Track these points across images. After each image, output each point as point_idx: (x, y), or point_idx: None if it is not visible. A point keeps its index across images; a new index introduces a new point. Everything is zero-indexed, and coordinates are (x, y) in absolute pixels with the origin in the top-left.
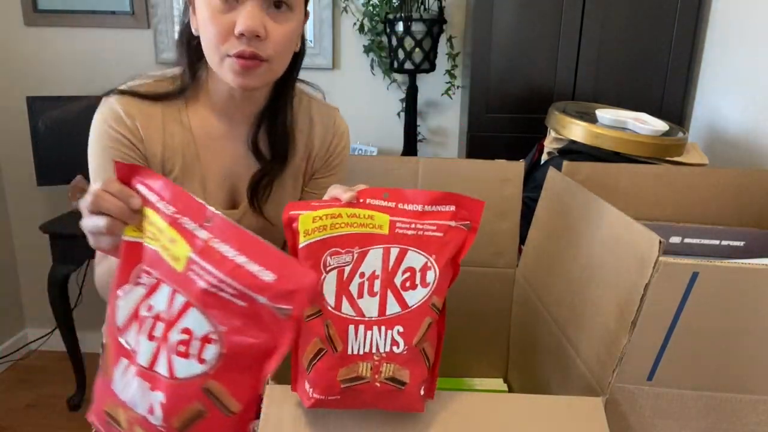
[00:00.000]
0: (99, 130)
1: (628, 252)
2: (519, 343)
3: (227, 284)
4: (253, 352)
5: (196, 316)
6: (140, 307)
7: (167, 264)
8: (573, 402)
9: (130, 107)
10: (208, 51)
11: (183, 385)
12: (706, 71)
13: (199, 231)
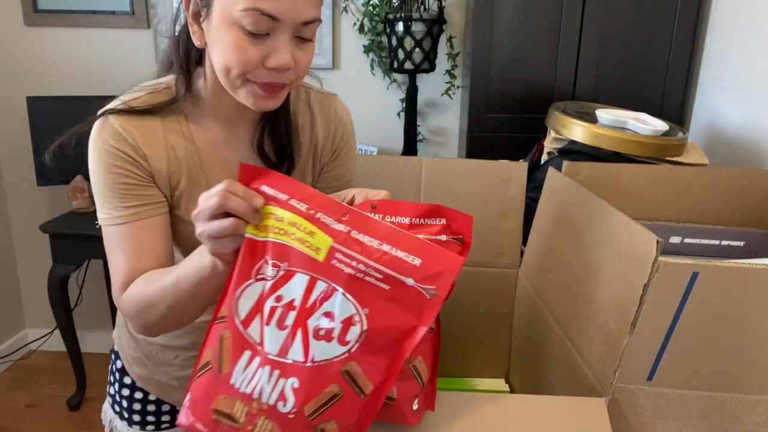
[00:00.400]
0: (100, 151)
1: (627, 252)
2: (521, 343)
3: (374, 269)
4: (393, 332)
5: (340, 300)
6: (266, 300)
7: (305, 255)
8: (576, 402)
9: (128, 124)
10: (225, 75)
11: (321, 368)
12: (706, 71)
13: (337, 225)
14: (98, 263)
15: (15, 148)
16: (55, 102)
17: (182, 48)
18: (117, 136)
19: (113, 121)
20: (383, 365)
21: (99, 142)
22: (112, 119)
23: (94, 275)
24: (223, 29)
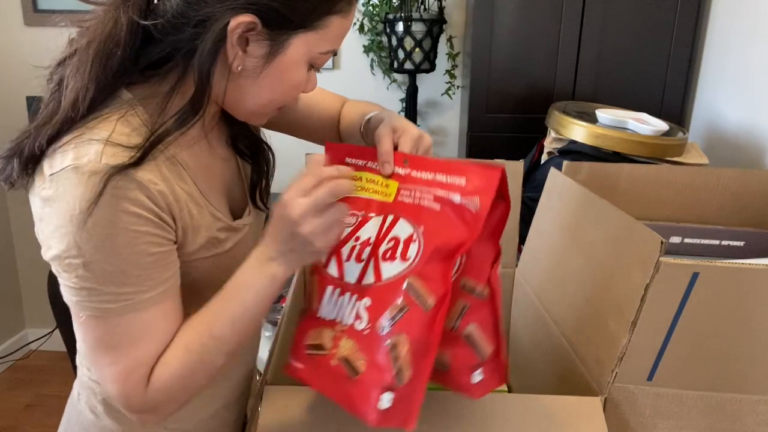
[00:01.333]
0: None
1: (628, 252)
2: (518, 343)
3: (429, 194)
4: (446, 245)
5: (402, 224)
6: (347, 242)
7: (379, 201)
8: (572, 402)
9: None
10: (267, 104)
11: (389, 285)
12: (706, 71)
13: (400, 169)
14: None
15: None
16: None
17: (206, 65)
18: (141, 195)
19: (132, 176)
20: (440, 277)
21: (116, 210)
22: (128, 174)
23: None
24: (293, 67)
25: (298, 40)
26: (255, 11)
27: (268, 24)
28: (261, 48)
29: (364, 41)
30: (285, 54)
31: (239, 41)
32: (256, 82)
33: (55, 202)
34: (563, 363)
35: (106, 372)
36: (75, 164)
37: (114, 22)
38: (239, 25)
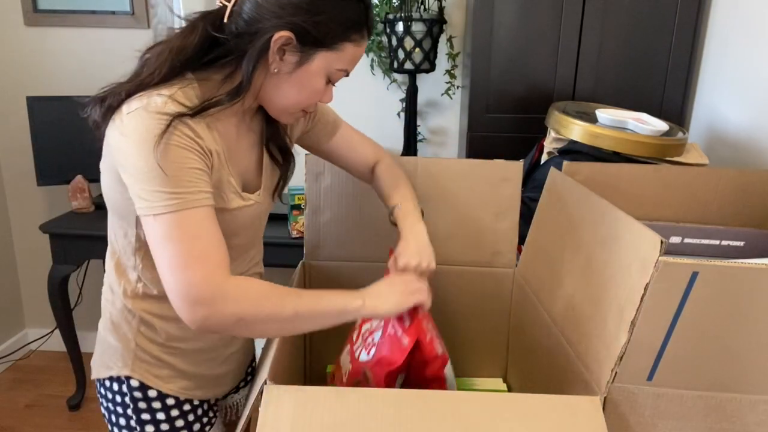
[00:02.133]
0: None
1: (628, 252)
2: (518, 342)
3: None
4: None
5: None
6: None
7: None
8: (571, 401)
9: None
10: (292, 106)
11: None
12: (706, 71)
13: None
14: (98, 263)
15: (15, 148)
16: (55, 102)
17: (251, 63)
18: (189, 131)
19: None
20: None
21: (160, 129)
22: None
23: (94, 275)
24: (315, 76)
25: (320, 56)
26: (292, 30)
27: (300, 41)
28: (293, 57)
29: None
30: (310, 65)
31: (278, 50)
32: (286, 82)
33: (131, 132)
34: (563, 363)
35: (175, 266)
36: (145, 107)
37: (192, 28)
38: (280, 39)
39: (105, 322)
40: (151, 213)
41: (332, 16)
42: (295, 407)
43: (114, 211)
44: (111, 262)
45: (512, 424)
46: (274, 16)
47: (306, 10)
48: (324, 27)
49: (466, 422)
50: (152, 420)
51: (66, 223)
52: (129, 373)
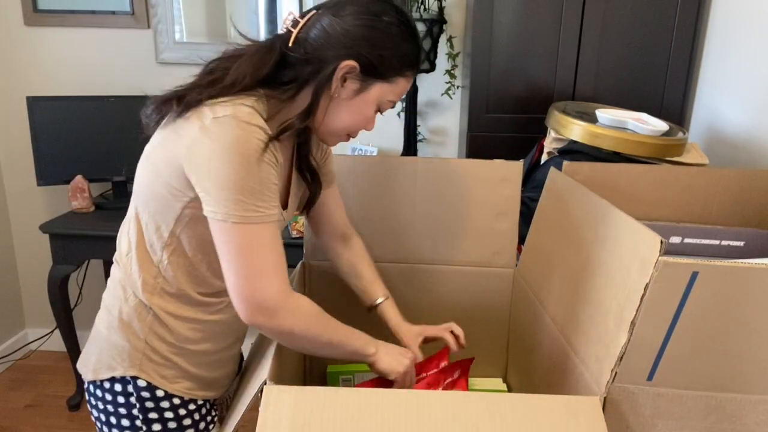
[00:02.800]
0: (256, 150)
1: (628, 252)
2: (518, 342)
3: None
4: None
5: None
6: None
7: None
8: (571, 401)
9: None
10: (343, 130)
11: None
12: (706, 71)
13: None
14: (98, 263)
15: (15, 148)
16: (55, 102)
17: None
18: (273, 147)
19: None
20: None
21: (255, 141)
22: (258, 126)
23: (94, 275)
24: (370, 104)
25: (377, 86)
26: (357, 60)
27: (363, 71)
28: (354, 85)
29: None
30: (368, 93)
31: (341, 77)
32: (343, 107)
33: (220, 137)
34: (563, 362)
35: (242, 273)
36: (234, 115)
37: (270, 48)
38: (345, 67)
39: (111, 320)
40: (230, 220)
41: (393, 52)
42: (295, 407)
43: (150, 205)
44: (130, 256)
45: (512, 424)
46: (343, 46)
47: (372, 44)
48: (385, 61)
49: (466, 422)
50: (160, 419)
51: (66, 223)
52: (136, 373)
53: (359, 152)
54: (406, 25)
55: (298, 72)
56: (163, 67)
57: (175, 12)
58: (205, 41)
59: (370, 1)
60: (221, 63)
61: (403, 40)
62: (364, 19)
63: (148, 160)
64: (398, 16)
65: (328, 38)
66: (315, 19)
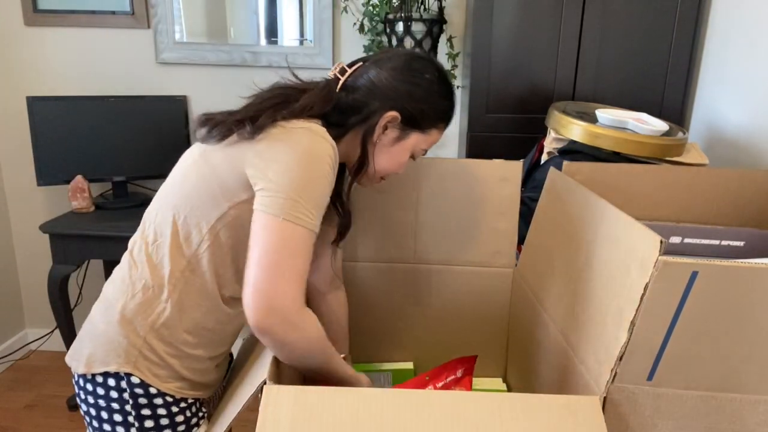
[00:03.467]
0: (327, 163)
1: (628, 252)
2: (517, 342)
3: None
4: None
5: None
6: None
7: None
8: (570, 401)
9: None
10: (379, 172)
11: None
12: (706, 71)
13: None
14: (98, 263)
15: (15, 148)
16: (55, 102)
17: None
18: (335, 159)
19: (333, 147)
20: None
21: (325, 155)
22: (330, 144)
23: (94, 275)
24: (406, 151)
25: (414, 136)
26: (400, 111)
27: (403, 121)
28: (393, 133)
29: (364, 41)
30: (405, 142)
31: (384, 126)
32: (382, 153)
33: (296, 144)
34: (562, 362)
35: (269, 268)
36: (309, 128)
37: (329, 88)
38: (388, 117)
39: (111, 314)
40: (282, 216)
41: (433, 107)
42: (295, 407)
43: (194, 199)
44: (158, 245)
45: (512, 424)
46: (388, 98)
47: (414, 99)
48: (424, 114)
49: (465, 422)
50: (153, 415)
51: (66, 223)
52: (130, 370)
53: None
54: (445, 83)
55: (346, 116)
56: (163, 67)
57: (175, 12)
58: (205, 41)
59: (413, 58)
60: (287, 90)
61: (442, 97)
62: (408, 75)
63: (203, 157)
64: (438, 74)
65: (375, 89)
66: (362, 70)
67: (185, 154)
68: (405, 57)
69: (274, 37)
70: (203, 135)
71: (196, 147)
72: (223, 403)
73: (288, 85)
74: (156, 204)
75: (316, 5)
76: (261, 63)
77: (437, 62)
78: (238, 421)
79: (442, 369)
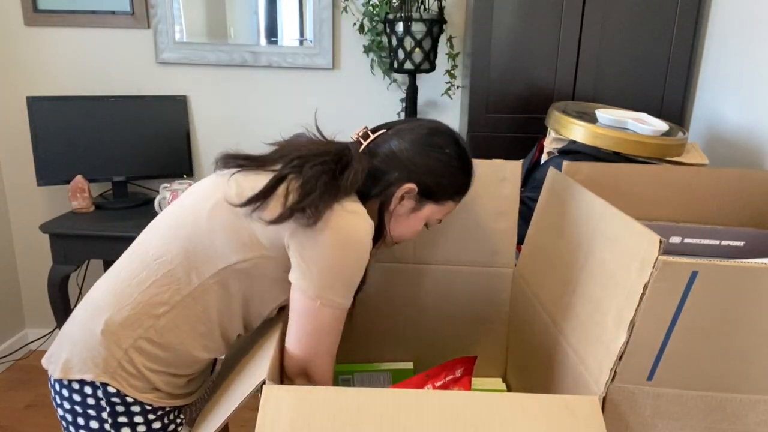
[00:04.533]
0: (365, 248)
1: (628, 252)
2: (517, 342)
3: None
4: None
5: None
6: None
7: None
8: (570, 400)
9: None
10: (393, 238)
11: None
12: (706, 71)
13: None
14: (98, 263)
15: (15, 148)
16: (55, 102)
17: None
18: (371, 238)
19: (371, 227)
20: None
21: (365, 240)
22: (370, 225)
23: (94, 275)
24: (420, 221)
25: (429, 207)
26: (417, 184)
27: (420, 193)
28: (409, 204)
29: (364, 41)
30: (420, 212)
31: (400, 196)
32: (397, 222)
33: (337, 231)
34: (562, 363)
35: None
36: (355, 212)
37: (362, 161)
38: (405, 188)
39: (96, 323)
40: (320, 301)
41: (450, 181)
42: (295, 407)
43: (218, 237)
44: (162, 263)
45: (512, 424)
46: (407, 170)
47: (433, 173)
48: (441, 188)
49: (465, 422)
50: (130, 423)
51: (66, 223)
52: (107, 380)
53: None
54: (464, 159)
55: (366, 185)
56: (163, 67)
57: (175, 12)
58: (205, 41)
59: (434, 132)
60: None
61: (460, 172)
62: (428, 149)
63: (242, 192)
64: (458, 150)
65: (395, 160)
66: (385, 137)
67: (209, 191)
68: (426, 130)
69: (274, 37)
70: (250, 212)
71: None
72: (213, 403)
73: (321, 150)
74: (167, 222)
75: (316, 5)
76: (261, 63)
77: (458, 136)
78: (238, 421)
79: (441, 368)
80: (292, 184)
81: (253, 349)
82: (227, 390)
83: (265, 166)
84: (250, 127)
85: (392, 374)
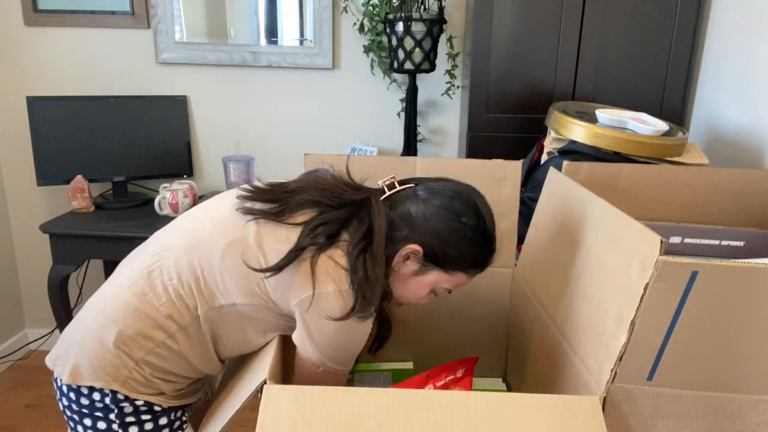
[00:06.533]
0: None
1: (628, 252)
2: (517, 342)
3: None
4: None
5: None
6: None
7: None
8: (570, 401)
9: None
10: (399, 300)
11: None
12: (706, 71)
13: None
14: (98, 263)
15: (15, 148)
16: (55, 102)
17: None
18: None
19: None
20: None
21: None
22: None
23: (94, 275)
24: (424, 287)
25: (435, 272)
26: (422, 246)
27: (425, 256)
28: (413, 266)
29: (364, 41)
30: (424, 276)
31: (405, 256)
32: (400, 282)
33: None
34: (562, 362)
35: None
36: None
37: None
38: (409, 248)
39: (107, 334)
40: (323, 368)
41: (461, 252)
42: (295, 407)
43: (227, 275)
44: (174, 285)
45: (512, 424)
46: (416, 231)
47: (442, 240)
48: (449, 257)
49: (465, 422)
50: (137, 422)
51: (66, 223)
52: (117, 388)
53: (359, 152)
54: (482, 231)
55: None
56: (163, 67)
57: (175, 12)
58: (205, 41)
59: (457, 197)
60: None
61: (475, 244)
62: (444, 214)
63: (261, 249)
64: (477, 222)
65: (409, 218)
66: (409, 192)
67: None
68: (450, 193)
69: (274, 37)
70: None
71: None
72: (218, 403)
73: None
74: (183, 244)
75: (316, 5)
76: (261, 63)
77: (481, 207)
78: (239, 421)
79: (442, 369)
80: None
81: (254, 351)
82: (230, 392)
83: (284, 217)
84: (250, 127)
85: (392, 374)
